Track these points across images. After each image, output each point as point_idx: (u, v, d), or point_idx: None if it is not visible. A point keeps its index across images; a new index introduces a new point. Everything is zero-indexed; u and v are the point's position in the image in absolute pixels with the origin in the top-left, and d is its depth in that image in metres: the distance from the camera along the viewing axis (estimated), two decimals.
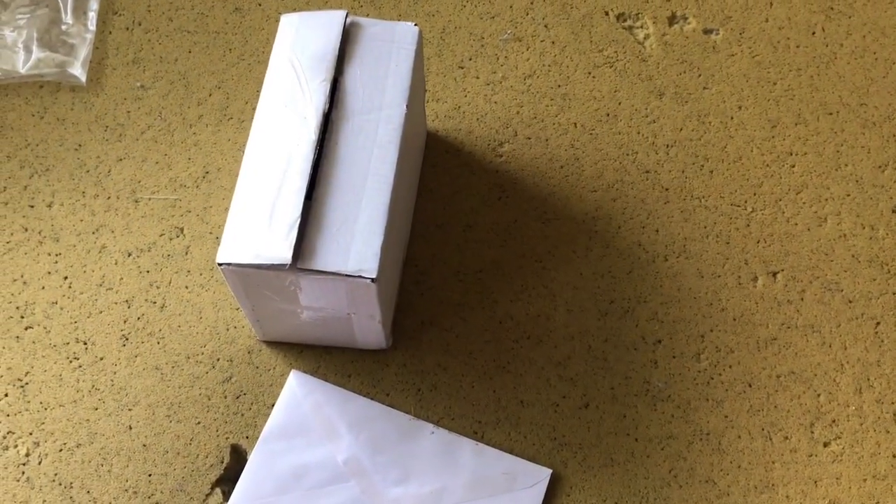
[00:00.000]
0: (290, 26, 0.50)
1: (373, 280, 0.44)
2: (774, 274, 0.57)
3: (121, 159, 0.60)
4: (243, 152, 0.59)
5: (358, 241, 0.44)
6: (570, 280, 0.57)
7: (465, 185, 0.60)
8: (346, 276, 0.43)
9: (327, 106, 0.47)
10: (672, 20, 0.65)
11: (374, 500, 0.50)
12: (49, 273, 0.56)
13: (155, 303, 0.55)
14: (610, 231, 0.59)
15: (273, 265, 0.43)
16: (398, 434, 0.52)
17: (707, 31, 0.65)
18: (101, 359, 0.54)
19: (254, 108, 0.61)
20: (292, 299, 0.47)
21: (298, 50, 0.49)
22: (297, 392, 0.52)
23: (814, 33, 0.65)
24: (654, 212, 0.59)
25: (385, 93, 0.48)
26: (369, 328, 0.50)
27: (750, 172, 0.60)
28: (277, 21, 0.65)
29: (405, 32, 0.50)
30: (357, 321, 0.49)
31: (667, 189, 0.60)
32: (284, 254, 0.43)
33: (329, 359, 0.54)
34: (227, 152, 0.60)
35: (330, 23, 0.49)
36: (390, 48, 0.49)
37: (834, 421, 0.54)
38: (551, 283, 0.57)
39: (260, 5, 0.66)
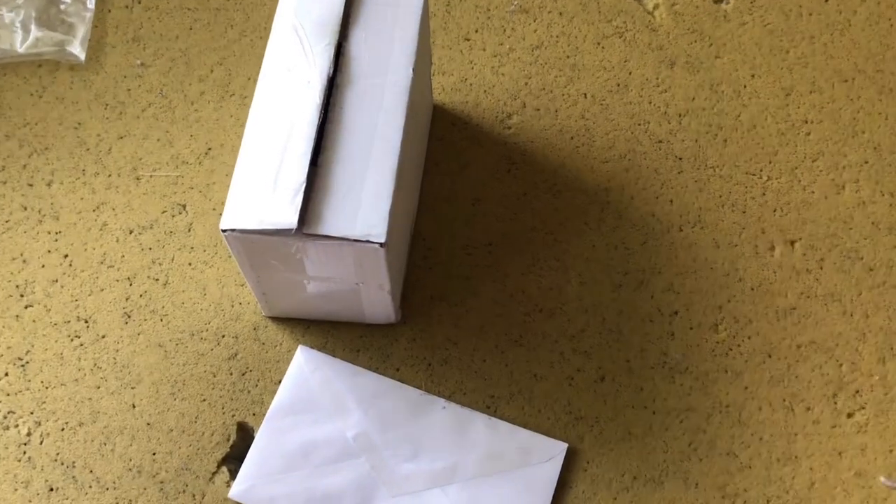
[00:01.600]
0: None
1: (381, 245, 0.42)
2: (792, 243, 0.56)
3: (121, 137, 0.59)
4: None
5: (365, 205, 0.43)
6: (582, 252, 0.56)
7: (473, 158, 0.58)
8: (354, 240, 0.42)
9: (332, 70, 0.46)
10: None
11: (384, 477, 0.48)
12: (49, 251, 0.55)
13: (157, 280, 0.54)
14: (623, 202, 0.57)
15: (278, 230, 0.42)
16: (409, 409, 0.50)
17: (717, 0, 0.63)
18: (103, 337, 0.52)
19: (256, 84, 0.60)
20: (298, 268, 0.46)
21: (301, 15, 0.47)
22: (305, 368, 0.51)
23: (826, 0, 0.63)
24: (667, 182, 0.58)
25: (391, 57, 0.47)
26: (378, 300, 0.49)
27: (765, 141, 0.59)
28: None
29: None
30: (365, 292, 0.48)
31: (680, 158, 0.58)
32: (290, 218, 0.42)
33: (337, 334, 0.53)
34: (229, 128, 0.59)
35: None
36: (395, 12, 0.48)
37: (857, 391, 0.52)
38: (563, 256, 0.55)
39: None
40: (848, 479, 0.50)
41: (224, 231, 0.43)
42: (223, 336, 0.53)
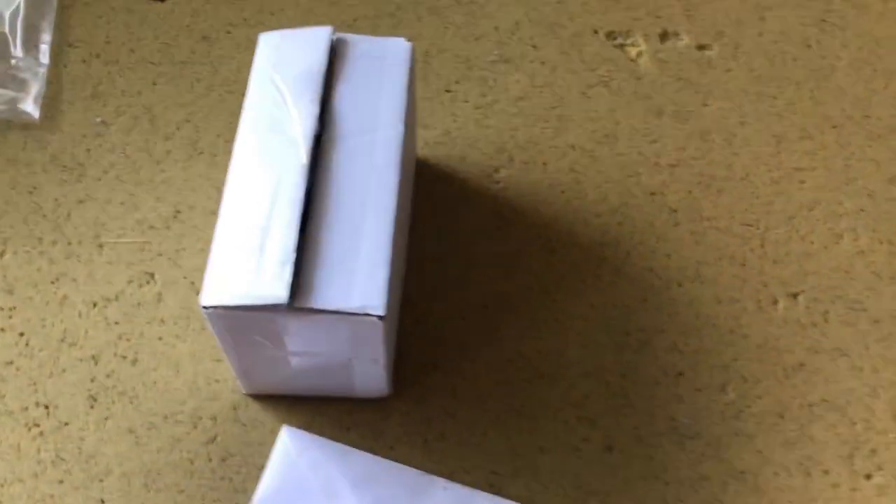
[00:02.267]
0: (271, 45, 0.45)
1: (380, 318, 0.39)
2: (795, 295, 0.54)
3: (81, 201, 0.55)
4: (218, 189, 0.54)
5: (360, 275, 0.39)
6: (581, 312, 0.53)
7: (462, 215, 0.55)
8: (351, 314, 0.38)
9: (318, 128, 0.42)
10: (664, 37, 0.63)
11: None
12: (2, 330, 0.50)
13: (126, 357, 0.49)
14: (619, 257, 0.55)
15: (267, 305, 0.38)
16: (407, 492, 0.46)
17: (701, 47, 0.62)
18: (66, 424, 0.48)
19: (227, 142, 0.57)
20: (285, 344, 0.42)
21: (282, 69, 0.44)
22: (291, 450, 0.46)
23: (809, 46, 0.63)
24: (663, 235, 0.55)
25: (379, 112, 0.44)
26: (371, 373, 0.45)
27: (759, 190, 0.57)
28: (249, 50, 0.60)
29: (397, 48, 0.46)
30: (358, 366, 0.44)
31: (675, 210, 0.56)
32: (279, 292, 0.38)
33: (324, 410, 0.49)
34: (199, 189, 0.55)
35: (315, 39, 0.45)
36: (381, 65, 0.45)
37: (873, 450, 0.50)
38: (562, 316, 0.52)
39: (229, 33, 0.61)
40: None
41: (206, 308, 0.39)
42: (200, 418, 0.48)
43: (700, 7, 0.64)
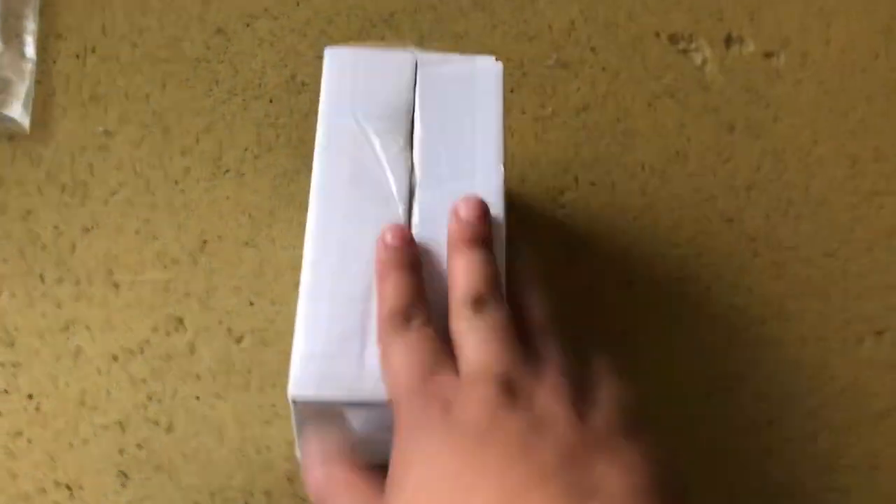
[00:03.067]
0: (342, 65, 0.38)
1: None
2: (880, 333, 0.51)
3: (88, 229, 0.47)
4: (250, 215, 0.47)
5: None
6: (662, 357, 0.48)
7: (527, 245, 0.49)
8: None
9: (411, 179, 0.36)
10: (728, 42, 0.57)
11: None
12: (6, 391, 0.42)
13: (158, 423, 0.43)
14: (699, 293, 0.50)
15: (375, 403, 0.32)
16: None
17: (767, 55, 0.57)
18: None
19: (256, 157, 0.49)
20: (374, 428, 0.36)
21: (360, 101, 0.37)
22: None
23: (877, 56, 0.59)
24: (743, 267, 0.51)
25: (475, 152, 0.37)
26: None
27: (837, 216, 0.53)
28: (274, 47, 0.53)
29: (487, 71, 0.39)
30: None
31: (754, 239, 0.52)
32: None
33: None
34: (226, 214, 0.48)
35: (396, 65, 0.38)
36: (472, 93, 0.39)
37: None
38: (641, 362, 0.48)
39: (248, 26, 0.53)
40: None
41: (295, 401, 0.32)
42: (252, 493, 0.42)
43: (762, 10, 0.59)
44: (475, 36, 0.55)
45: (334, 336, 0.33)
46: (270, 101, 0.51)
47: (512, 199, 0.51)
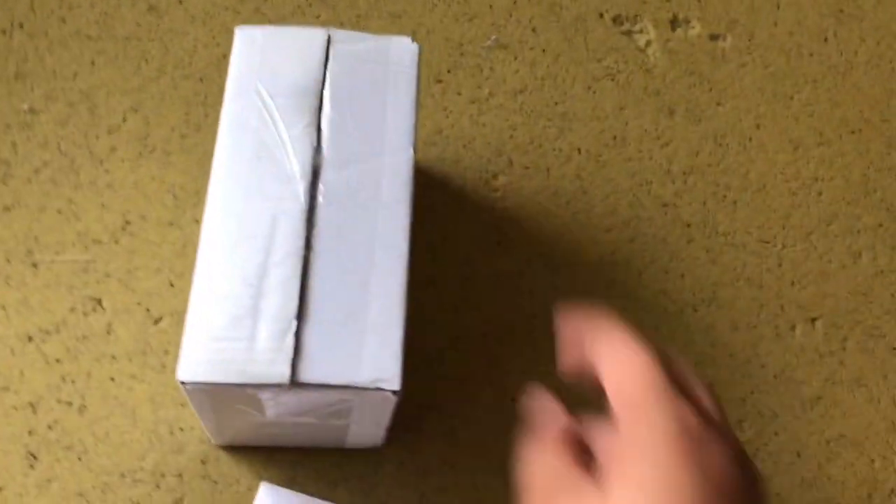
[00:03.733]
0: (251, 43, 0.38)
1: (394, 393, 0.33)
2: (813, 321, 0.50)
3: (8, 208, 0.46)
4: (174, 195, 0.46)
5: (371, 340, 0.33)
6: None
7: (458, 229, 0.49)
8: (361, 388, 0.32)
9: (317, 160, 0.35)
10: (674, 24, 0.56)
11: None
12: None
13: (71, 404, 0.42)
14: (630, 278, 0.50)
15: (266, 384, 0.31)
16: None
17: (713, 37, 0.57)
18: (0, 489, 0.40)
19: (183, 137, 0.49)
20: (276, 414, 0.35)
21: (268, 78, 0.36)
22: None
23: (826, 39, 0.58)
24: (677, 253, 0.51)
25: (385, 134, 0.37)
26: (368, 432, 0.39)
27: (776, 202, 0.53)
28: (206, 24, 0.52)
29: (402, 51, 0.39)
30: (356, 427, 0.38)
31: (689, 225, 0.51)
32: (281, 369, 0.31)
33: (308, 462, 0.43)
34: (152, 195, 0.47)
35: (307, 43, 0.37)
36: (385, 73, 0.38)
37: (892, 490, 0.47)
38: None
39: (181, 3, 0.52)
40: None
41: (185, 384, 0.32)
42: (163, 475, 0.41)
43: None
44: (414, 15, 0.54)
45: (226, 317, 0.32)
46: (200, 80, 0.50)
47: (444, 182, 0.50)
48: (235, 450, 0.42)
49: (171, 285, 0.45)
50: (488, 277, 0.48)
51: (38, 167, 0.47)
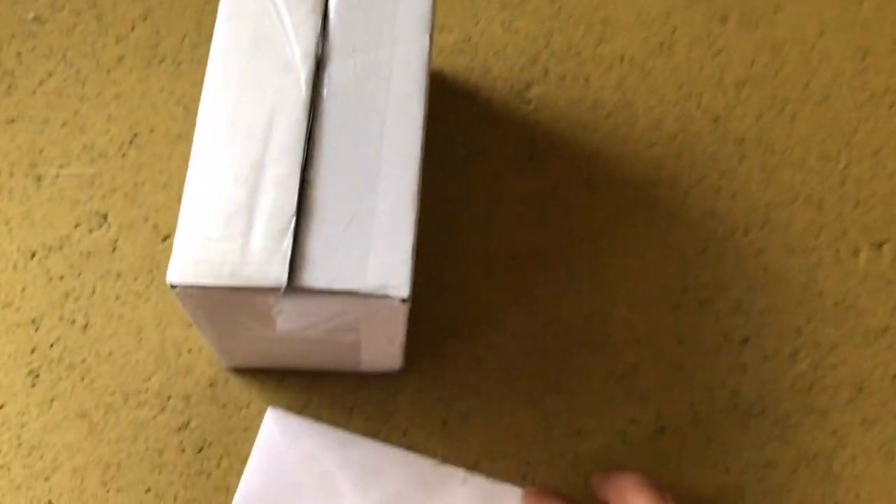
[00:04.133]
0: None
1: (403, 300, 0.29)
2: (880, 245, 0.46)
3: (12, 121, 0.44)
4: (185, 107, 0.43)
5: (378, 244, 0.30)
6: (630, 265, 0.44)
7: (487, 144, 0.45)
8: (367, 295, 0.29)
9: (319, 47, 0.32)
10: None
11: None
12: None
13: (74, 322, 0.40)
14: (676, 198, 0.45)
15: (260, 287, 0.28)
16: (419, 487, 0.38)
17: None
18: (1, 407, 0.38)
19: (194, 46, 0.46)
20: (277, 326, 0.32)
21: None
22: (279, 440, 0.38)
23: None
24: (728, 171, 0.46)
25: (398, 20, 0.33)
26: (382, 351, 0.36)
27: (840, 116, 0.48)
28: None
29: None
30: (368, 345, 0.35)
31: (741, 141, 0.47)
32: (276, 272, 0.28)
33: (321, 387, 0.40)
34: (160, 107, 0.45)
35: None
36: None
37: None
38: (607, 270, 0.44)
39: None
40: None
41: (175, 287, 0.29)
42: (169, 398, 0.39)
43: None
44: None
45: (219, 217, 0.29)
46: None
47: (473, 94, 0.46)
48: (246, 373, 0.40)
49: (180, 201, 0.42)
50: (520, 195, 0.45)
51: (43, 78, 0.45)
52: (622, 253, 0.44)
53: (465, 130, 0.46)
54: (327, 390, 0.40)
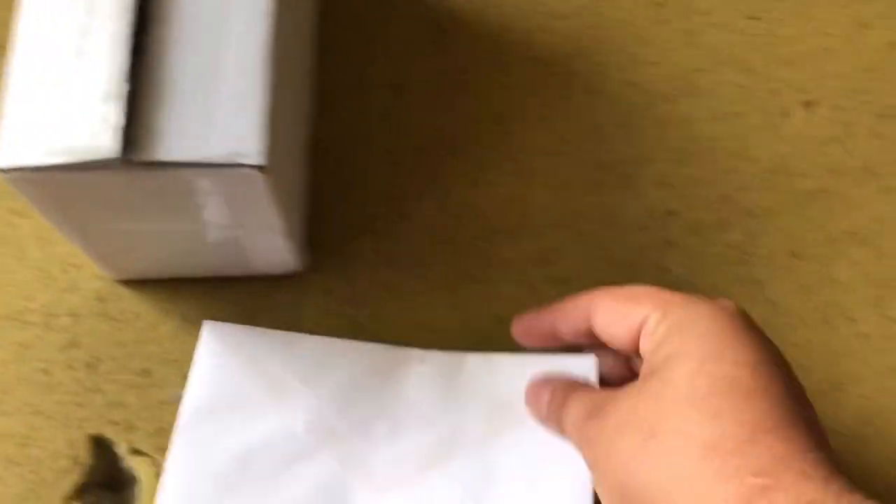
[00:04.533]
0: None
1: (259, 168, 0.27)
2: (811, 104, 0.43)
3: None
4: None
5: (226, 109, 0.27)
6: (546, 144, 0.41)
7: (388, 26, 0.42)
8: (215, 165, 0.26)
9: None
10: None
11: (358, 472, 0.34)
12: None
13: None
14: (592, 70, 0.43)
15: (90, 162, 0.26)
16: (374, 373, 0.36)
17: None
18: None
19: None
20: (137, 216, 0.30)
21: None
22: (219, 349, 0.35)
23: None
24: (647, 38, 0.43)
25: None
26: (269, 245, 0.34)
27: None
28: None
29: None
30: (248, 238, 0.33)
31: (661, 5, 0.44)
32: (106, 141, 0.26)
33: (220, 294, 0.38)
34: None
35: None
36: None
37: None
38: (521, 153, 0.41)
39: None
40: None
41: (5, 172, 0.26)
42: (55, 315, 0.37)
43: None
44: None
45: (44, 89, 0.27)
46: None
47: None
48: (136, 284, 0.37)
49: None
50: (425, 80, 0.42)
51: None
52: (537, 133, 0.41)
53: (364, 13, 0.43)
54: (228, 296, 0.38)
